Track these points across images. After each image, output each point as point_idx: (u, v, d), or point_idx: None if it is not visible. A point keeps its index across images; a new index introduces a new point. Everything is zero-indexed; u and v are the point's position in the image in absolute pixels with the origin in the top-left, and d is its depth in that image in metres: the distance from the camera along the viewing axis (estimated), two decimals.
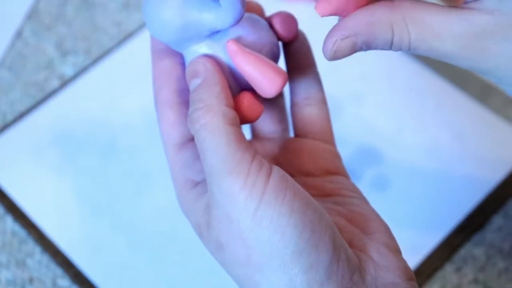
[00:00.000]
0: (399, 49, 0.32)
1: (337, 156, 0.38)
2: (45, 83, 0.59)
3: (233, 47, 0.33)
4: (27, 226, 0.52)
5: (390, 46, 0.32)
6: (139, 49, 0.60)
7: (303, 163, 0.37)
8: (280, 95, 0.40)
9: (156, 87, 0.35)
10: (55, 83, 0.59)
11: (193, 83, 0.33)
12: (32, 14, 0.63)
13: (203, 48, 0.34)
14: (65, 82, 0.59)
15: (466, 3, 0.31)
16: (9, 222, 0.53)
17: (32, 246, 0.52)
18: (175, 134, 0.34)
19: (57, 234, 0.52)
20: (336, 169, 0.37)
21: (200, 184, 0.34)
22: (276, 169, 0.31)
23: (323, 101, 0.38)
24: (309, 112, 0.38)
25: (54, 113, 0.57)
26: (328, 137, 0.38)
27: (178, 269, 0.50)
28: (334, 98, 0.60)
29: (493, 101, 0.57)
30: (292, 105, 0.39)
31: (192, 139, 0.34)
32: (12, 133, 0.56)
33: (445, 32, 0.30)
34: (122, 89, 0.59)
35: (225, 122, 0.31)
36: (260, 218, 0.30)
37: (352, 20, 0.32)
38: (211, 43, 0.34)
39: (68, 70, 0.60)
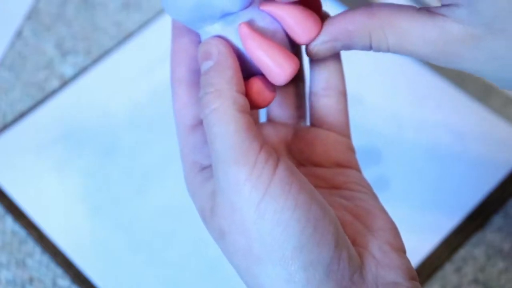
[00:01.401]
0: (378, 51, 0.33)
1: (351, 149, 0.38)
2: (45, 83, 0.59)
3: (245, 30, 0.32)
4: (27, 226, 0.52)
5: (369, 49, 0.34)
6: (139, 49, 0.60)
7: (315, 152, 0.37)
8: (301, 81, 0.39)
9: (172, 63, 0.35)
10: (55, 83, 0.59)
11: (205, 65, 0.32)
12: (32, 14, 0.63)
13: (216, 28, 0.33)
14: (65, 82, 0.59)
15: (440, 7, 0.32)
16: (9, 222, 0.53)
17: (32, 246, 0.52)
18: (187, 114, 0.34)
19: (57, 234, 0.52)
20: (348, 162, 0.37)
21: (208, 169, 0.33)
22: (283, 161, 0.31)
23: (343, 93, 0.38)
24: (327, 102, 0.37)
25: (54, 113, 0.57)
26: (344, 130, 0.38)
27: (178, 269, 0.50)
28: None
29: (493, 101, 0.57)
30: (311, 93, 0.38)
31: None
32: (12, 133, 0.56)
33: (421, 38, 0.32)
34: (122, 89, 0.59)
35: (235, 109, 0.30)
36: (264, 210, 0.29)
37: (333, 26, 0.34)
38: (224, 25, 0.33)
39: (68, 70, 0.60)
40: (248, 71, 0.34)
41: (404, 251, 0.33)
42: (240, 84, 0.32)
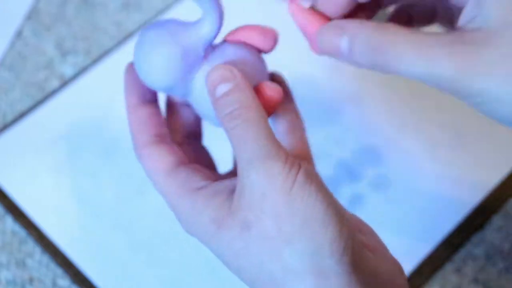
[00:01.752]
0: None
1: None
2: (45, 83, 0.59)
3: (293, 5, 0.37)
4: (27, 226, 0.52)
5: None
6: None
7: None
8: None
9: (134, 134, 0.39)
10: (55, 83, 0.59)
11: (222, 87, 0.35)
12: (32, 14, 0.63)
13: (206, 68, 0.37)
14: (65, 82, 0.59)
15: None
16: (9, 222, 0.53)
17: (32, 246, 0.52)
18: (164, 164, 0.38)
19: (57, 234, 0.52)
20: None
21: (206, 188, 0.36)
22: (304, 165, 0.34)
23: (300, 128, 0.40)
24: (290, 141, 0.39)
25: (54, 113, 0.57)
26: (307, 156, 0.39)
27: (178, 269, 0.50)
28: (334, 98, 0.60)
29: None
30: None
31: (181, 163, 0.38)
32: (12, 133, 0.56)
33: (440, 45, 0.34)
34: (122, 89, 0.58)
35: (264, 120, 0.35)
36: (293, 196, 0.33)
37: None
38: (211, 64, 0.37)
39: (68, 70, 0.60)
40: None
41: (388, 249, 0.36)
42: (258, 101, 0.35)
